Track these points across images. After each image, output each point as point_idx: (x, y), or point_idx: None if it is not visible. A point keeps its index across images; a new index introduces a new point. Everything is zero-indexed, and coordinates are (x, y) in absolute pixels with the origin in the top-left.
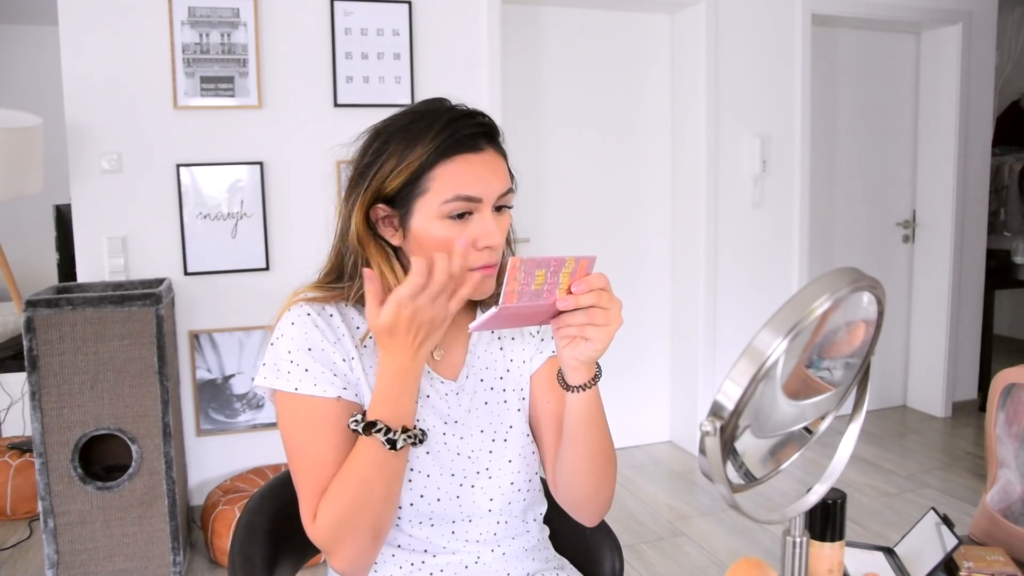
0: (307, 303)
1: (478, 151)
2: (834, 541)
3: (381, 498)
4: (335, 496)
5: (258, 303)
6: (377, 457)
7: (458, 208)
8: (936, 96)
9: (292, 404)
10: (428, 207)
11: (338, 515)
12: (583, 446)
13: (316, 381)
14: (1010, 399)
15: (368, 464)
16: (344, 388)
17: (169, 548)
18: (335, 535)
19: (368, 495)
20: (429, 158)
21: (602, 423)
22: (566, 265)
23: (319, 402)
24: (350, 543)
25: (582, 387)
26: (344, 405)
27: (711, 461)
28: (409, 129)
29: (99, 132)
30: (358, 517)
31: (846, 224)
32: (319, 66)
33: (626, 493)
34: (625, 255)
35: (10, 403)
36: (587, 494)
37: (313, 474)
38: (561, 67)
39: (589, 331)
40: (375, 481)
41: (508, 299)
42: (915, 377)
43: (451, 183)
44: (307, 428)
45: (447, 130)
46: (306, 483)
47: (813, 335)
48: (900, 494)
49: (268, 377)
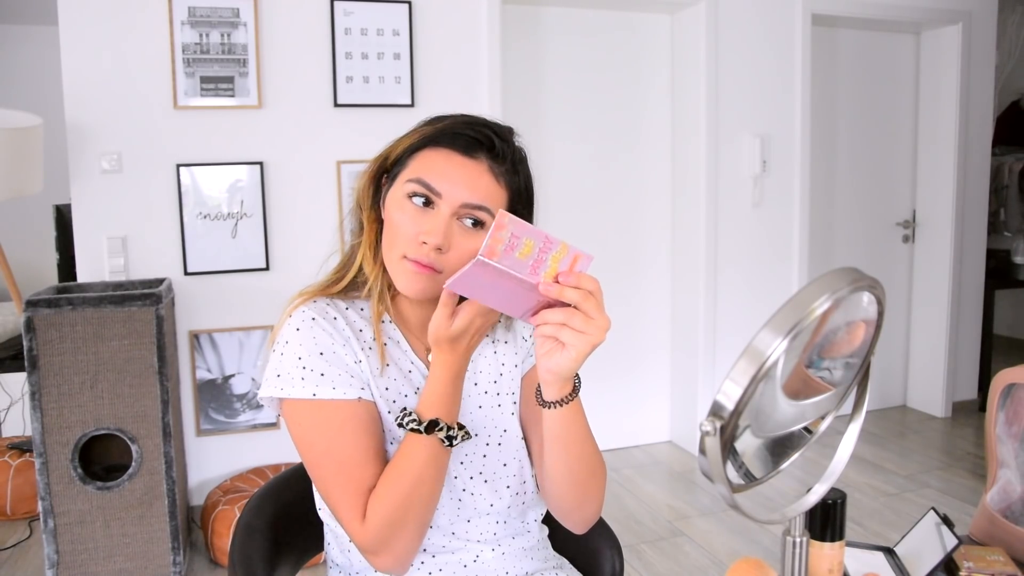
0: (309, 307)
1: (466, 155)
2: (834, 541)
3: (432, 493)
4: (387, 495)
5: (258, 303)
6: (433, 454)
7: (414, 189)
8: (936, 96)
9: (310, 411)
10: (400, 184)
11: (390, 513)
12: (562, 461)
13: (335, 384)
14: (1010, 399)
15: (424, 462)
16: (362, 388)
17: (169, 548)
18: (387, 533)
19: (421, 491)
20: (421, 140)
21: (581, 439)
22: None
23: (341, 404)
24: (401, 540)
25: (558, 403)
26: (365, 405)
27: (711, 461)
28: (439, 117)
29: (99, 132)
30: (410, 513)
31: (846, 224)
32: (319, 66)
33: (626, 493)
34: (625, 255)
35: (10, 403)
36: (570, 505)
37: (350, 476)
38: (561, 67)
39: (565, 333)
40: (429, 477)
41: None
42: (915, 377)
43: (421, 167)
44: (331, 432)
45: (452, 126)
46: (344, 486)
47: (813, 335)
48: (900, 494)
49: (285, 388)
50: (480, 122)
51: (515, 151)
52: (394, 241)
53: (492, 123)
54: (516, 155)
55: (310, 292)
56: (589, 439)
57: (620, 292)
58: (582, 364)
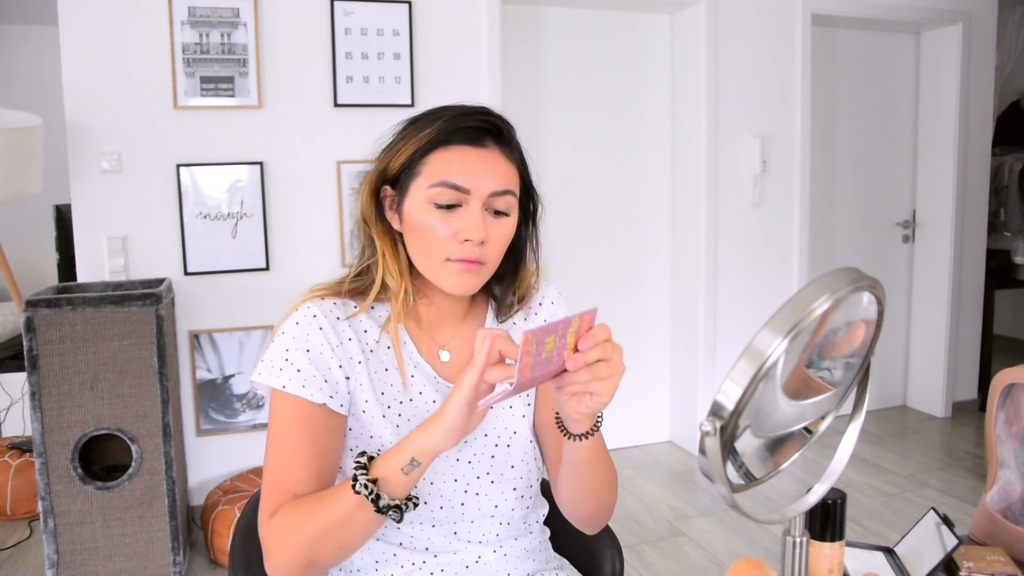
0: (316, 303)
1: (478, 145)
2: (834, 541)
3: (344, 544)
4: (300, 514)
5: (258, 303)
6: (363, 514)
7: (443, 195)
8: (936, 96)
9: (280, 400)
10: (418, 190)
11: (291, 531)
12: (582, 482)
13: (305, 383)
14: (1010, 399)
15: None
16: (331, 396)
17: (169, 548)
18: (280, 544)
19: (329, 535)
20: (428, 143)
21: (601, 462)
22: (572, 324)
23: (302, 403)
24: (286, 557)
25: (584, 435)
26: (326, 413)
27: (711, 461)
28: (426, 116)
29: (99, 132)
30: (307, 544)
31: (846, 224)
32: (319, 66)
33: (626, 493)
34: (625, 254)
35: (10, 403)
36: (586, 515)
37: (281, 471)
38: (561, 67)
39: (594, 386)
40: (349, 529)
41: (523, 373)
42: (915, 377)
43: (440, 169)
44: (284, 425)
45: (452, 121)
46: (272, 478)
47: (813, 335)
48: (900, 494)
49: (262, 373)
50: (475, 110)
51: (511, 128)
52: (431, 247)
53: (484, 108)
54: (513, 131)
55: (323, 289)
56: (607, 458)
57: (620, 292)
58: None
